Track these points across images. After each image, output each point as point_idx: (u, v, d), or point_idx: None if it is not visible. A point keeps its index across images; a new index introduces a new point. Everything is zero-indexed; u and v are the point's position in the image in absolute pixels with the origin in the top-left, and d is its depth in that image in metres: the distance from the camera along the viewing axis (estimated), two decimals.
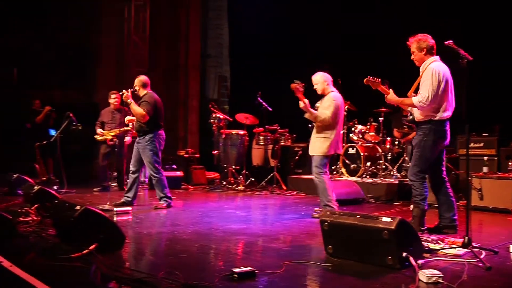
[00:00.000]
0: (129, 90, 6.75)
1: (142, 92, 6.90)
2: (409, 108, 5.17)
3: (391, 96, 5.14)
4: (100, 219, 4.11)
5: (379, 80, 5.19)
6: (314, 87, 6.24)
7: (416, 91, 5.05)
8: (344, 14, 11.14)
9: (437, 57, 5.02)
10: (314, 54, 11.53)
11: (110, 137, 8.83)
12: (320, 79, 6.20)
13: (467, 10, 9.17)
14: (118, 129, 8.65)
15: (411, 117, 5.16)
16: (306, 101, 5.95)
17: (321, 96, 6.23)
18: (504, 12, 8.83)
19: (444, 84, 4.86)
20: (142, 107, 6.69)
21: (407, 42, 5.13)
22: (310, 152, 6.16)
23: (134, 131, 7.58)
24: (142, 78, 7.02)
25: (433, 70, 4.86)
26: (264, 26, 12.76)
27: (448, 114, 4.93)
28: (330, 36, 11.34)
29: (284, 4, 12.30)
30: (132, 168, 6.92)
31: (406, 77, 5.42)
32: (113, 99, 9.06)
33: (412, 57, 5.10)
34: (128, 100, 6.68)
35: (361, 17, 10.71)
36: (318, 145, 6.08)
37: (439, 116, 4.90)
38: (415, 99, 4.89)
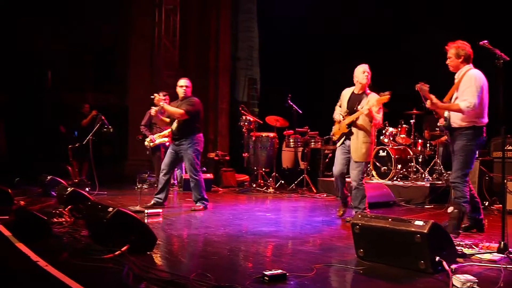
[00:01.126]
0: (161, 93, 6.85)
1: (187, 94, 6.97)
2: (446, 114, 5.10)
3: (436, 101, 5.04)
4: (131, 220, 4.16)
5: (428, 86, 5.10)
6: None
7: (450, 97, 5.03)
8: (377, 12, 11.02)
9: (471, 66, 5.06)
10: (345, 55, 11.45)
11: (166, 140, 8.75)
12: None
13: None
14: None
15: (446, 122, 5.10)
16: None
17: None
18: None
19: (485, 90, 4.93)
20: (184, 106, 6.77)
21: (446, 47, 5.09)
22: (356, 159, 5.96)
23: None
24: (188, 81, 7.08)
25: (475, 77, 4.91)
26: (294, 28, 12.73)
27: (486, 120, 5.00)
28: (358, 36, 11.25)
29: (314, 4, 12.24)
30: (164, 169, 6.96)
31: (440, 81, 5.36)
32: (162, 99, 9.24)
33: (448, 61, 5.13)
34: (161, 103, 6.77)
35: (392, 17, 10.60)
36: (364, 151, 5.95)
37: (481, 122, 4.96)
38: (462, 104, 4.86)
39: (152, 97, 6.91)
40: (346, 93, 6.20)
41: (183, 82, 7.02)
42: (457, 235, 4.85)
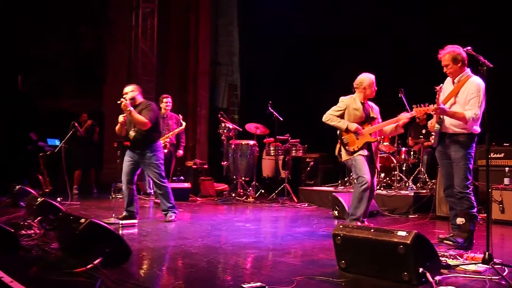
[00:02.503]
0: (128, 99, 6.62)
1: (138, 100, 6.77)
2: (441, 118, 5.11)
3: (443, 106, 5.02)
4: (105, 232, 4.09)
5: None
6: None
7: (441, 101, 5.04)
8: (360, 16, 11.11)
9: (469, 70, 5.07)
10: (330, 60, 11.52)
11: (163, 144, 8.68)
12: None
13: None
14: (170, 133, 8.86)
15: (438, 126, 5.11)
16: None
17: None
18: None
19: (484, 100, 4.94)
20: (144, 114, 6.63)
21: (438, 55, 5.10)
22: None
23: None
24: (136, 85, 6.91)
25: (480, 87, 4.91)
26: (276, 33, 12.78)
27: (480, 129, 5.04)
28: (342, 37, 11.32)
29: (298, 10, 12.30)
30: (125, 180, 6.70)
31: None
32: (164, 103, 9.14)
33: (446, 69, 5.10)
34: (128, 109, 6.53)
35: (381, 17, 10.69)
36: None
37: (476, 130, 5.00)
38: (469, 114, 4.88)
39: (118, 102, 6.55)
40: (353, 103, 5.95)
41: (127, 88, 6.76)
42: (470, 249, 4.85)
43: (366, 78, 5.96)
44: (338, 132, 5.95)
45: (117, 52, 12.71)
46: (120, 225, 6.17)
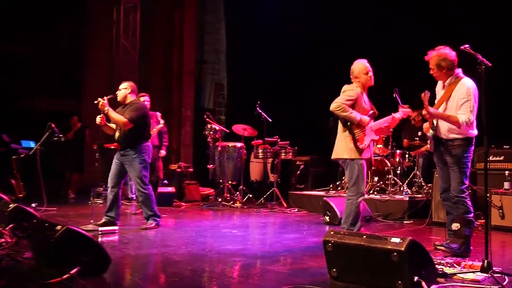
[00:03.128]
0: (105, 98, 6.61)
1: (129, 99, 6.81)
2: (434, 122, 5.12)
3: (434, 111, 5.03)
4: (83, 240, 4.04)
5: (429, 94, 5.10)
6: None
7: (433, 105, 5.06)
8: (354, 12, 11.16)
9: (460, 71, 5.07)
10: (321, 62, 11.55)
11: None
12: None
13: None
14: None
15: (432, 131, 5.12)
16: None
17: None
18: None
19: (477, 102, 4.95)
20: (126, 114, 6.61)
21: (425, 57, 5.11)
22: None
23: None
24: (131, 83, 6.94)
25: (471, 90, 4.92)
26: (265, 31, 12.79)
27: (477, 132, 5.03)
28: (332, 36, 11.35)
29: (288, 7, 12.32)
30: (110, 183, 6.74)
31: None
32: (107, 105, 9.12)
33: (431, 72, 5.12)
34: (105, 109, 6.50)
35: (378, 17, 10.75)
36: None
37: (472, 134, 5.00)
38: (462, 118, 4.89)
39: (95, 102, 6.55)
40: (360, 94, 5.55)
41: (121, 85, 6.88)
42: (468, 256, 4.86)
43: (355, 66, 5.58)
44: (347, 125, 5.47)
45: (97, 49, 12.65)
46: (100, 232, 6.12)
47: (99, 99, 6.53)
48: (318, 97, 11.27)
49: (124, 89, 6.79)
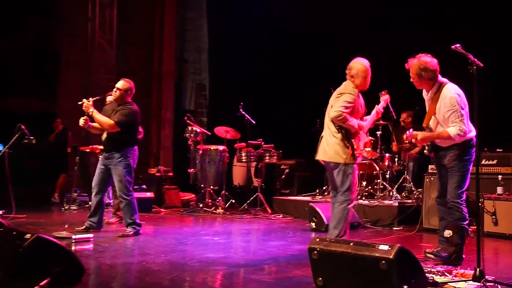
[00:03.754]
0: (91, 99, 6.63)
1: (124, 100, 6.80)
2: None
3: (423, 134, 5.07)
4: (54, 248, 3.99)
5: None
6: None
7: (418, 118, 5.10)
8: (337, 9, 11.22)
9: (444, 80, 5.08)
10: (308, 62, 11.57)
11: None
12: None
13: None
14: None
15: (428, 147, 5.17)
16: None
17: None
18: None
19: (466, 106, 4.98)
20: (116, 116, 6.60)
21: (406, 64, 5.12)
22: None
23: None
24: (128, 83, 6.88)
25: (455, 98, 4.91)
26: (249, 28, 12.78)
27: (474, 132, 5.03)
28: (320, 38, 11.40)
29: (274, 4, 12.33)
30: (95, 188, 6.81)
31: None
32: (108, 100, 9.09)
33: (412, 80, 5.12)
34: (90, 110, 6.54)
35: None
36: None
37: (471, 134, 5.01)
38: (452, 131, 4.89)
39: (79, 103, 6.62)
40: (357, 97, 5.44)
41: (119, 84, 6.86)
42: (460, 264, 4.86)
43: (355, 64, 5.43)
44: (342, 130, 5.31)
45: (71, 46, 12.53)
46: (73, 240, 6.06)
47: (84, 100, 6.62)
48: (305, 98, 11.33)
49: (122, 91, 6.78)
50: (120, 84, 6.84)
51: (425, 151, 5.32)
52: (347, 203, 5.34)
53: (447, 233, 5.04)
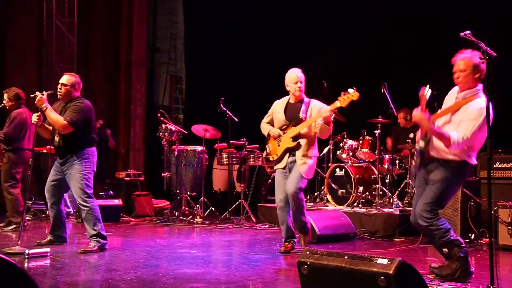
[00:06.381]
0: (45, 93, 6.55)
1: (72, 96, 6.74)
2: (428, 136, 5.11)
3: (430, 122, 4.94)
4: (4, 266, 3.95)
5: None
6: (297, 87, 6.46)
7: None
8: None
9: (481, 87, 5.02)
10: (293, 50, 11.59)
11: None
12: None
13: None
14: None
15: (422, 144, 5.09)
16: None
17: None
18: None
19: (485, 128, 4.80)
20: (66, 114, 6.53)
21: (453, 59, 5.03)
22: (304, 174, 6.37)
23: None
24: (73, 77, 6.86)
25: (482, 111, 4.80)
26: (230, 12, 12.78)
27: (476, 162, 5.09)
28: (312, 27, 11.45)
29: None
30: (50, 200, 6.75)
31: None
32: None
33: (457, 76, 5.01)
34: (43, 105, 6.43)
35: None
36: (311, 165, 6.45)
37: (472, 160, 4.99)
38: (454, 136, 4.82)
39: (32, 96, 6.52)
40: (278, 106, 6.71)
41: (63, 79, 6.78)
42: (469, 280, 4.86)
43: (287, 77, 6.57)
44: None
45: (22, 30, 12.32)
46: (26, 256, 5.98)
47: (37, 93, 6.52)
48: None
49: (69, 86, 6.70)
50: (65, 79, 6.76)
51: (412, 165, 5.31)
52: None
53: (444, 251, 5.01)
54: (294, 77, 6.46)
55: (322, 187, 9.52)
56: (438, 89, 5.21)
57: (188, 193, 10.07)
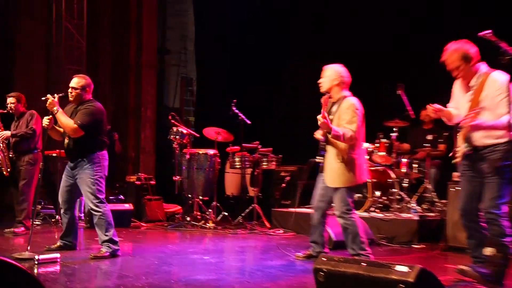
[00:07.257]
0: (56, 95, 6.57)
1: (83, 99, 6.76)
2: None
3: (476, 123, 4.87)
4: (12, 272, 3.96)
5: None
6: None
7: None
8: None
9: (485, 65, 5.01)
10: (307, 50, 11.59)
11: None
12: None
13: None
14: None
15: (468, 145, 5.01)
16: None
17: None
18: None
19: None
20: (77, 117, 6.55)
21: (442, 58, 5.06)
22: (330, 184, 6.16)
23: None
24: (84, 79, 6.86)
25: (505, 82, 4.80)
26: (243, 12, 12.79)
27: None
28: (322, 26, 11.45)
29: None
30: (63, 205, 6.79)
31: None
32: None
33: (456, 73, 5.04)
34: (54, 108, 6.47)
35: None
36: (339, 172, 6.07)
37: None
38: (505, 119, 4.77)
39: (43, 99, 6.53)
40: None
41: (73, 82, 6.79)
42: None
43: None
44: None
45: (31, 32, 12.39)
46: (36, 262, 6.00)
47: (49, 96, 6.52)
48: (307, 94, 11.31)
49: (79, 90, 6.71)
50: (75, 82, 6.76)
51: (464, 149, 5.14)
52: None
53: (489, 251, 4.90)
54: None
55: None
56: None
57: (200, 197, 10.05)
